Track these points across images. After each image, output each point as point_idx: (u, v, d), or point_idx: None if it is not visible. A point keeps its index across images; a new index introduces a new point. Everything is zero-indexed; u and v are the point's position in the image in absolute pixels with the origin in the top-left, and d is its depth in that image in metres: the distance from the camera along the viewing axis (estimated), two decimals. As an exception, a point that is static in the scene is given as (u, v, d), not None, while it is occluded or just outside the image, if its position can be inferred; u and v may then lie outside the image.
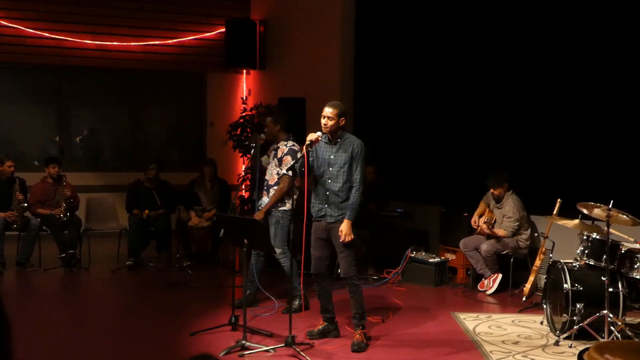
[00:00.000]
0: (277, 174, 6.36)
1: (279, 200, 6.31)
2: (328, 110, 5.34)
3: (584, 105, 7.06)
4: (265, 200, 6.43)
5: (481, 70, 8.01)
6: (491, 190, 7.35)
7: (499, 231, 7.19)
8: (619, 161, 6.76)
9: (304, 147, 5.28)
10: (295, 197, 5.55)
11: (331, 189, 5.38)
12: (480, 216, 7.51)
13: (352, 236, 5.33)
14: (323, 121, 5.35)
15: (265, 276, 6.80)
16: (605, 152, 6.88)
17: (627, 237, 5.91)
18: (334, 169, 5.38)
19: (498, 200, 7.35)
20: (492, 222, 7.30)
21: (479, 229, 7.41)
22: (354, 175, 5.36)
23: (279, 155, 6.38)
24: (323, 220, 5.44)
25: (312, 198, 5.45)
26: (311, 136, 5.30)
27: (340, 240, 5.31)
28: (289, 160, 6.21)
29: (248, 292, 6.46)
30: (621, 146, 6.77)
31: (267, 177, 6.49)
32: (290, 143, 6.40)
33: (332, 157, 5.40)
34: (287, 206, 6.24)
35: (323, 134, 5.40)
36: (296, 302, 6.28)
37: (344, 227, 5.30)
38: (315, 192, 5.46)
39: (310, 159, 5.38)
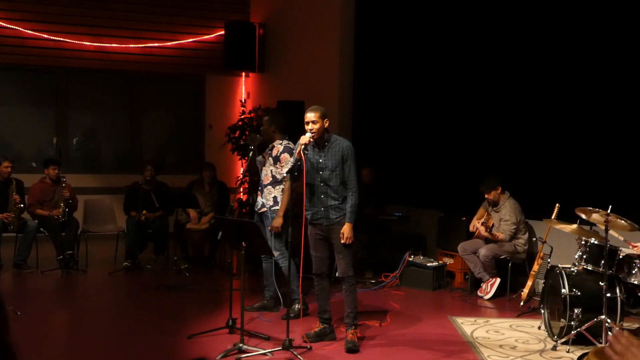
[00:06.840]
0: (272, 173, 6.32)
1: (279, 201, 6.26)
2: (310, 115, 5.37)
3: (583, 110, 7.06)
4: (259, 200, 6.40)
5: (480, 76, 8.01)
6: (485, 195, 7.37)
7: (498, 234, 7.20)
8: (618, 166, 6.76)
9: (301, 151, 5.27)
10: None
11: (326, 193, 5.38)
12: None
13: (353, 238, 5.38)
14: (308, 127, 5.35)
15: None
16: (604, 157, 6.88)
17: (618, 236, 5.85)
18: (325, 173, 5.38)
19: (494, 204, 7.36)
20: (490, 225, 7.31)
21: (477, 232, 7.41)
22: (349, 178, 5.37)
23: (273, 154, 6.33)
24: (320, 223, 5.45)
25: (306, 203, 5.44)
26: (303, 139, 5.30)
27: (342, 242, 5.34)
28: (287, 158, 6.15)
29: (268, 296, 6.52)
30: (620, 151, 6.77)
31: (261, 177, 6.45)
32: (285, 142, 6.33)
33: (321, 161, 5.40)
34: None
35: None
36: (296, 307, 6.21)
37: (346, 230, 5.34)
38: (307, 198, 5.44)
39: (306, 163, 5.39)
